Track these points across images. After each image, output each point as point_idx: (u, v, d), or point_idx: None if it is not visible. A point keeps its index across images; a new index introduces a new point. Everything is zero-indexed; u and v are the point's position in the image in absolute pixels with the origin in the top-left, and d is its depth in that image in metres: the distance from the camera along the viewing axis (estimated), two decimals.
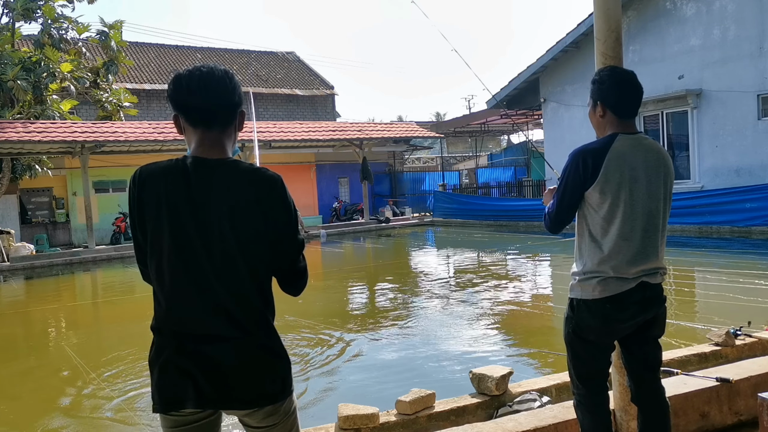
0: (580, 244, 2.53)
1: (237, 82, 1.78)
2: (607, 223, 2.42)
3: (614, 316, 2.44)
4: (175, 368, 1.68)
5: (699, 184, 15.15)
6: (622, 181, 2.40)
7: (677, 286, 9.62)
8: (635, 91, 2.51)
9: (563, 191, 2.50)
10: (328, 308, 9.06)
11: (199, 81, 1.70)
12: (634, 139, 2.48)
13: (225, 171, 1.69)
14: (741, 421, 3.42)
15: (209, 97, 1.71)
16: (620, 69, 2.58)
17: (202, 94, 1.70)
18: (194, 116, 1.73)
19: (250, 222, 1.67)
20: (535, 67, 18.55)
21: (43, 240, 18.50)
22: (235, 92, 1.76)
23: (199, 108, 1.72)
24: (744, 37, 14.15)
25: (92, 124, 18.51)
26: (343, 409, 3.29)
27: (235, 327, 1.69)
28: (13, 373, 6.56)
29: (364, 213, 22.96)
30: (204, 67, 1.73)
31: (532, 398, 3.50)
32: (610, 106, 2.50)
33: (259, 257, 1.71)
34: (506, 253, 14.23)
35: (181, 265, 1.68)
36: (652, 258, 2.46)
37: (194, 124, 1.74)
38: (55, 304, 11.25)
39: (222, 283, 1.67)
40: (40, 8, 19.24)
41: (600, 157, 2.41)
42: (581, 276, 2.48)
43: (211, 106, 1.72)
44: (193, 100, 1.71)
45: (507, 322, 7.37)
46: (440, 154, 32.29)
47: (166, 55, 31.58)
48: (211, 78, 1.71)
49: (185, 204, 1.67)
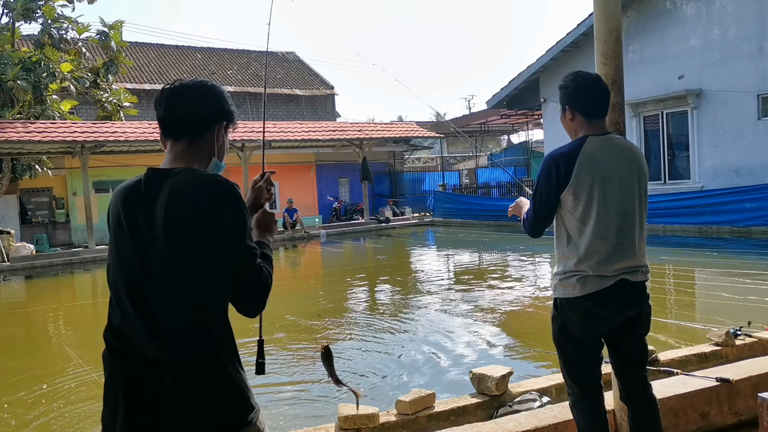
0: (558, 245, 2.60)
1: (215, 95, 1.76)
2: (582, 223, 2.48)
3: (595, 312, 2.50)
4: (106, 392, 1.64)
5: (699, 184, 15.14)
6: (594, 182, 2.46)
7: (677, 286, 9.62)
8: (599, 93, 2.59)
9: (539, 196, 2.57)
10: (328, 308, 9.06)
11: (168, 95, 1.73)
12: (604, 139, 2.54)
13: (174, 180, 1.62)
14: (741, 421, 3.42)
15: (170, 110, 1.73)
16: (584, 73, 2.64)
17: (164, 106, 1.73)
18: (161, 128, 1.76)
19: (189, 232, 1.56)
20: (535, 67, 18.54)
21: (43, 240, 18.49)
22: (207, 105, 1.75)
23: (162, 119, 1.75)
24: (744, 37, 14.14)
25: (92, 124, 18.51)
26: (343, 409, 3.29)
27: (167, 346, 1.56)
28: (13, 372, 6.55)
29: (364, 213, 22.95)
30: (185, 80, 1.77)
31: (532, 398, 3.50)
32: (578, 109, 2.57)
33: (199, 270, 1.56)
34: (506, 253, 14.23)
35: (120, 280, 1.63)
36: (630, 256, 2.50)
37: (164, 135, 1.77)
38: (55, 304, 11.25)
39: (158, 299, 1.57)
40: (40, 8, 19.24)
41: (571, 160, 2.47)
42: (562, 276, 2.55)
43: (172, 117, 1.74)
44: (159, 112, 1.75)
45: (507, 322, 7.37)
46: (440, 154, 32.29)
47: (166, 55, 31.58)
48: (179, 91, 1.74)
49: (130, 216, 1.63)
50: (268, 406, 4.95)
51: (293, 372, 5.80)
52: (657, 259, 11.41)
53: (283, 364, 6.04)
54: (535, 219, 2.59)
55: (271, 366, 6.02)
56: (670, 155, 16.18)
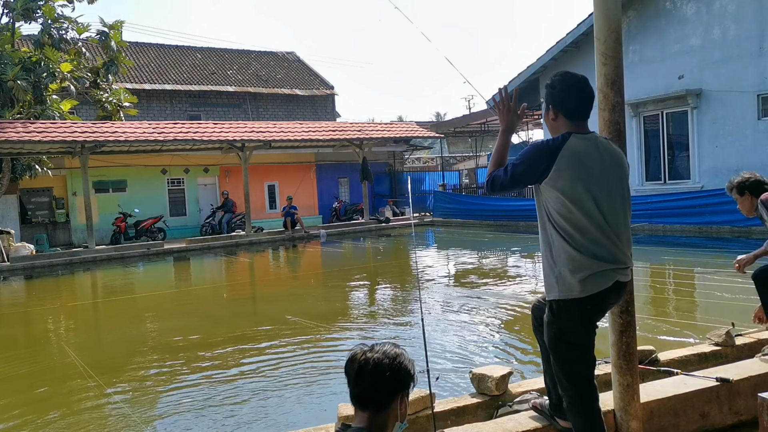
0: (549, 247, 2.58)
1: (401, 370, 1.89)
2: (567, 220, 2.49)
3: (594, 316, 2.57)
4: None
5: (699, 184, 15.14)
6: (577, 177, 2.47)
7: (678, 285, 9.62)
8: (585, 95, 2.61)
9: (521, 170, 2.55)
10: (329, 308, 9.06)
11: (357, 369, 1.89)
12: (587, 138, 2.57)
13: None
14: (741, 421, 3.42)
15: (358, 385, 1.90)
16: (571, 74, 2.67)
17: (353, 380, 1.91)
18: (352, 401, 1.93)
19: None
20: (535, 67, 18.53)
21: (43, 240, 18.50)
22: (392, 382, 1.87)
23: (350, 392, 1.92)
24: (744, 37, 14.14)
25: (92, 124, 18.50)
26: (343, 409, 3.29)
27: None
28: (13, 372, 6.55)
29: (364, 213, 22.95)
30: (373, 354, 1.90)
31: (532, 398, 3.50)
32: (561, 109, 2.61)
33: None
34: (506, 253, 14.23)
35: None
36: (619, 255, 2.53)
37: (352, 402, 1.94)
38: (55, 304, 11.24)
39: None
40: (40, 8, 19.23)
41: (554, 153, 2.49)
42: (556, 277, 2.55)
43: (357, 392, 1.90)
44: (349, 383, 1.93)
45: (507, 322, 7.37)
46: (440, 154, 32.28)
47: (166, 55, 31.57)
48: (365, 368, 1.88)
49: None
50: (268, 405, 4.96)
51: (293, 372, 5.79)
52: (657, 259, 11.41)
53: (284, 364, 6.04)
54: (511, 180, 2.57)
55: (271, 366, 6.02)
56: (670, 155, 16.18)
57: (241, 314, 9.25)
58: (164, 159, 21.61)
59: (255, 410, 4.86)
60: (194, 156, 21.95)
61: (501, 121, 2.76)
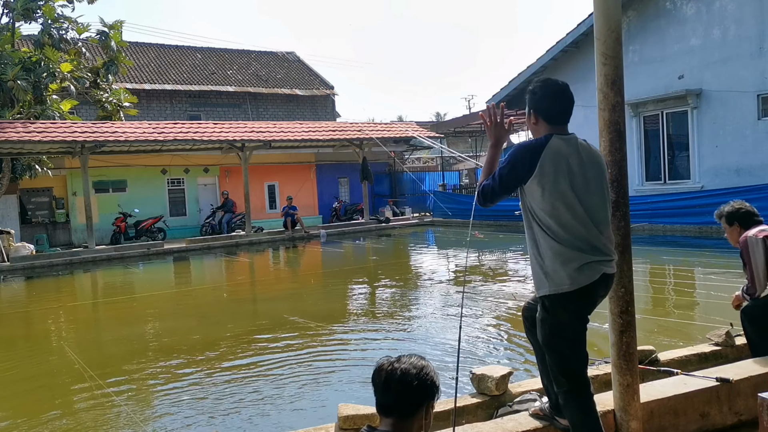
0: (536, 245, 2.69)
1: (426, 381, 1.95)
2: (555, 220, 2.58)
3: (586, 309, 2.67)
4: None
5: (699, 184, 15.15)
6: (559, 174, 2.57)
7: (678, 285, 9.62)
8: (564, 100, 2.72)
9: (507, 167, 2.64)
10: (329, 308, 9.06)
11: (384, 378, 1.96)
12: (567, 139, 2.68)
13: None
14: (741, 421, 3.42)
15: (384, 395, 1.96)
16: (552, 80, 2.78)
17: (380, 390, 1.97)
18: (377, 408, 1.99)
19: None
20: (535, 67, 18.53)
21: (43, 240, 18.50)
22: (418, 392, 1.93)
23: (377, 401, 1.99)
24: (744, 37, 14.14)
25: (92, 124, 18.50)
26: (343, 409, 3.29)
27: None
28: (13, 371, 6.55)
29: (364, 213, 22.95)
30: (400, 364, 1.97)
31: (532, 398, 3.50)
32: (542, 114, 2.72)
33: None
34: (506, 253, 14.23)
35: None
36: (604, 248, 2.63)
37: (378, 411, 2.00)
38: (55, 304, 11.24)
39: None
40: (40, 8, 19.24)
41: (536, 153, 2.60)
42: (545, 273, 2.65)
43: (384, 402, 1.96)
44: (375, 392, 2.00)
45: (507, 322, 7.36)
46: (440, 154, 32.26)
47: (166, 55, 31.58)
48: (391, 377, 1.94)
49: None
50: (268, 406, 4.96)
51: (293, 372, 5.79)
52: (657, 259, 11.41)
53: (284, 364, 6.04)
54: (500, 187, 2.65)
55: (271, 365, 6.02)
56: (670, 155, 16.17)
57: (241, 314, 9.25)
58: (164, 159, 21.61)
59: (255, 410, 4.86)
60: (194, 156, 21.95)
61: (489, 136, 2.88)
